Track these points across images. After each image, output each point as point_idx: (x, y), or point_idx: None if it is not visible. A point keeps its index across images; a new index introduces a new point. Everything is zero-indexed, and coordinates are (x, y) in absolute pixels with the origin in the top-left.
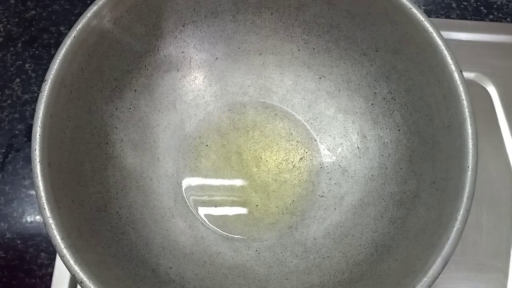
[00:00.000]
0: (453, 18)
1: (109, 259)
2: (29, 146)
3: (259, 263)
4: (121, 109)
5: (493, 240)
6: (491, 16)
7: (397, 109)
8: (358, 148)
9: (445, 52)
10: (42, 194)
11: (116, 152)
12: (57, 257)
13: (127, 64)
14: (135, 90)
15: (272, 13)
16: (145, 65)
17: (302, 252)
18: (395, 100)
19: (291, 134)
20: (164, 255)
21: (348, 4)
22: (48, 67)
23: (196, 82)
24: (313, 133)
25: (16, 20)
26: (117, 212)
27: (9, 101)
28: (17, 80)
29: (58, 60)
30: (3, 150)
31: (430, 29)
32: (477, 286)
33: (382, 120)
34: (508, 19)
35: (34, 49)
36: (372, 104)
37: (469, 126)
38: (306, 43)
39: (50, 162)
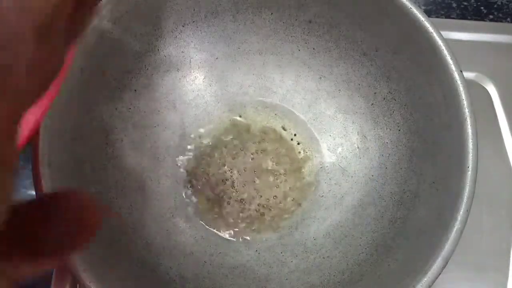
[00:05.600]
0: (453, 18)
1: (109, 259)
2: (30, 146)
3: (259, 263)
4: (121, 109)
5: (493, 240)
6: (491, 16)
7: (397, 109)
8: (358, 148)
9: (445, 52)
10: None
11: (116, 152)
12: None
13: (127, 64)
14: (135, 90)
15: (272, 13)
16: (145, 65)
17: (302, 252)
18: (395, 100)
19: (291, 134)
20: (164, 255)
21: (348, 4)
22: None
23: (196, 82)
24: (313, 133)
25: None
26: (117, 212)
27: None
28: None
29: None
30: None
31: (430, 29)
32: (477, 286)
33: (382, 120)
34: (508, 19)
35: None
36: (372, 104)
37: (469, 126)
38: (306, 43)
39: (50, 162)
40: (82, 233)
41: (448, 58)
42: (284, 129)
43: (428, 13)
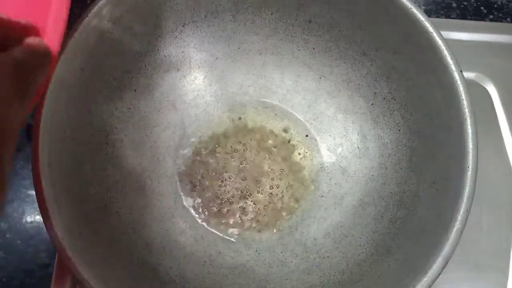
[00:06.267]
0: (453, 18)
1: (109, 259)
2: (30, 146)
3: (259, 263)
4: (121, 109)
5: (493, 240)
6: (491, 16)
7: (397, 109)
8: (358, 148)
9: (445, 52)
10: (42, 194)
11: (116, 152)
12: (57, 257)
13: (127, 64)
14: (135, 90)
15: (272, 13)
16: (145, 65)
17: (302, 252)
18: (395, 100)
19: (291, 134)
20: (164, 255)
21: (348, 4)
22: None
23: (196, 82)
24: (313, 133)
25: None
26: (117, 212)
27: None
28: None
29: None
30: None
31: (430, 29)
32: (477, 286)
33: (382, 120)
34: (508, 19)
35: None
36: (372, 104)
37: (469, 126)
38: (306, 43)
39: (50, 162)
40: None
41: (448, 58)
42: (284, 129)
43: (428, 13)
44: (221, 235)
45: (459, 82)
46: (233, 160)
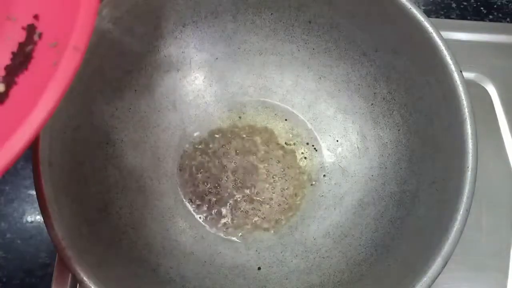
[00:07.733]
0: (453, 18)
1: (109, 259)
2: (30, 146)
3: (259, 263)
4: (121, 109)
5: (493, 240)
6: (491, 16)
7: (397, 109)
8: (358, 148)
9: (445, 52)
10: (43, 194)
11: (116, 152)
12: (57, 257)
13: (127, 64)
14: (135, 90)
15: (272, 13)
16: (145, 65)
17: (302, 252)
18: (395, 100)
19: (291, 134)
20: (164, 255)
21: (348, 4)
22: None
23: (196, 82)
24: (313, 133)
25: None
26: (117, 212)
27: None
28: None
29: None
30: None
31: (430, 29)
32: (477, 286)
33: (382, 120)
34: (508, 19)
35: None
36: (372, 104)
37: (469, 126)
38: (306, 43)
39: (51, 162)
40: None
41: (448, 58)
42: (284, 129)
43: (428, 13)
44: (221, 235)
45: (458, 82)
46: (233, 160)
